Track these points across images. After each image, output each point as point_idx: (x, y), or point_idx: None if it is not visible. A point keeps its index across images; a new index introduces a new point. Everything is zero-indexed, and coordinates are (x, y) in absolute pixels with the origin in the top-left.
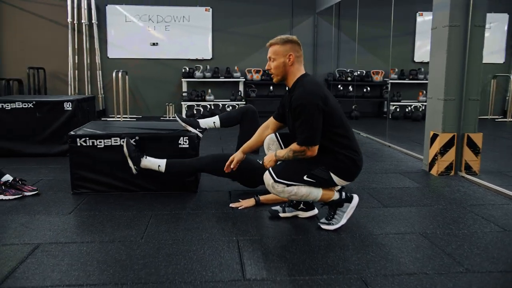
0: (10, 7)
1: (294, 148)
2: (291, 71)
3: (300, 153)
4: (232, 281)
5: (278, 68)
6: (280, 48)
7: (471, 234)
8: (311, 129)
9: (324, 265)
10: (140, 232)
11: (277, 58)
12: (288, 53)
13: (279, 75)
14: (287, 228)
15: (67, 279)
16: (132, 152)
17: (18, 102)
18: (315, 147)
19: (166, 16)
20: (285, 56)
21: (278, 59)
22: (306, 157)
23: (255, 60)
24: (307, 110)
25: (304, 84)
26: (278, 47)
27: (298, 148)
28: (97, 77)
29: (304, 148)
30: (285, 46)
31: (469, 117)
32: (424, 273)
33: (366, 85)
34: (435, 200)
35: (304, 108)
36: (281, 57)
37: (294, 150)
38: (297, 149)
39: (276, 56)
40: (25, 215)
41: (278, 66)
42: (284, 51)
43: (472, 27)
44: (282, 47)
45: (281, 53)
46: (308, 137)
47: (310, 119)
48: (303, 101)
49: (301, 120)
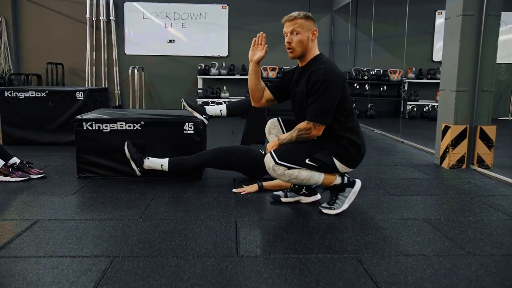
0: (30, 3)
1: (300, 126)
2: (311, 48)
3: (305, 131)
4: (225, 257)
5: (301, 43)
6: (305, 23)
7: (476, 221)
8: (326, 106)
9: (321, 245)
10: (139, 212)
11: (302, 32)
12: (312, 28)
13: (300, 50)
14: (288, 212)
15: (61, 251)
16: (134, 154)
17: (31, 91)
18: (322, 127)
19: (183, 13)
20: (309, 31)
21: (303, 33)
22: (310, 137)
23: (270, 58)
24: (328, 87)
25: (325, 62)
26: (303, 21)
27: (305, 125)
28: (114, 73)
29: (311, 125)
30: (308, 22)
31: (482, 109)
32: (422, 254)
33: (382, 84)
34: (443, 190)
35: (324, 84)
36: (306, 31)
37: (300, 129)
38: (303, 127)
39: (302, 29)
40: (29, 195)
41: (302, 41)
42: (309, 26)
43: (486, 16)
44: (306, 22)
45: (306, 27)
46: (320, 113)
47: (328, 96)
48: (324, 78)
49: (317, 96)
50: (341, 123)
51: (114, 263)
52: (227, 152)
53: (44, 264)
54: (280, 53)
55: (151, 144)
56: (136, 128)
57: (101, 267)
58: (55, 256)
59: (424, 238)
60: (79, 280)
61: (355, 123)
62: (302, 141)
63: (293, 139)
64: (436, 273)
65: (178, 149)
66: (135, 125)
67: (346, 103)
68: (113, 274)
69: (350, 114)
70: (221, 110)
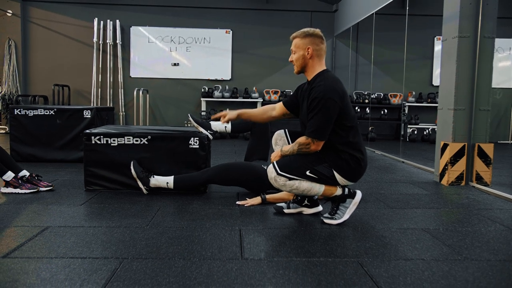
0: (39, 27)
1: (300, 141)
2: (311, 64)
3: (305, 146)
4: (230, 259)
5: (298, 60)
6: (299, 41)
7: (474, 231)
8: (323, 122)
9: (323, 250)
10: (146, 221)
11: (297, 51)
12: (306, 46)
13: (299, 66)
14: (291, 222)
15: (71, 253)
16: (140, 173)
17: (40, 109)
18: (320, 142)
19: (188, 38)
20: (304, 49)
21: (298, 52)
22: (310, 151)
23: (273, 81)
24: (324, 104)
25: (325, 78)
26: (298, 40)
27: (304, 140)
28: (119, 95)
29: (309, 140)
30: (304, 40)
31: (480, 127)
32: (421, 259)
33: (383, 107)
34: (442, 204)
35: (322, 102)
36: (300, 50)
37: (300, 143)
38: (302, 141)
39: (297, 49)
40: (38, 205)
41: (298, 59)
42: (303, 44)
43: (481, 38)
44: (301, 40)
45: (301, 46)
46: (318, 130)
47: (325, 113)
48: (322, 95)
49: (315, 113)
50: (342, 137)
51: (123, 263)
52: (231, 168)
53: (56, 264)
54: (282, 76)
55: (157, 158)
56: (143, 143)
57: (111, 267)
58: (66, 257)
59: (423, 245)
60: (90, 277)
61: (357, 139)
62: (303, 154)
63: (294, 152)
64: (434, 275)
65: (184, 163)
66: (142, 139)
67: (347, 119)
68: (123, 273)
69: (352, 129)
70: (226, 127)
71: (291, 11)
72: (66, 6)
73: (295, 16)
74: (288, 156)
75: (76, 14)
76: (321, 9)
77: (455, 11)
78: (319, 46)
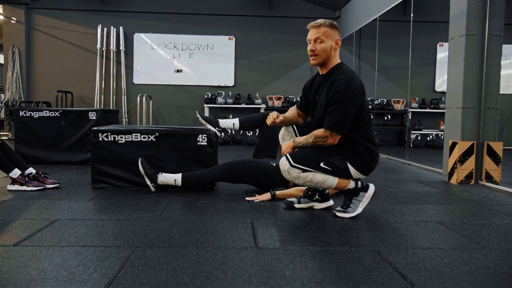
0: (43, 34)
1: (317, 133)
2: (333, 56)
3: (322, 139)
4: (244, 248)
5: (324, 51)
6: (330, 31)
7: (489, 224)
8: (344, 116)
9: (338, 240)
10: (156, 214)
11: (326, 40)
12: (336, 38)
13: (323, 58)
14: (302, 215)
15: (82, 242)
16: (148, 170)
17: (45, 111)
18: (338, 136)
19: (191, 44)
20: (333, 40)
21: (327, 42)
22: (326, 145)
23: (276, 87)
24: (347, 97)
25: (345, 72)
26: (328, 29)
27: (321, 133)
28: (122, 101)
29: (328, 134)
30: (333, 30)
31: (489, 126)
32: (439, 248)
33: (386, 113)
34: (453, 200)
35: (344, 95)
36: (330, 40)
37: (316, 135)
38: (319, 134)
39: (326, 38)
40: (46, 200)
41: (326, 49)
42: (333, 35)
43: (489, 36)
44: (331, 31)
45: (331, 36)
46: (338, 123)
47: (347, 107)
48: (345, 88)
49: (336, 106)
50: (358, 131)
51: (136, 251)
52: (239, 166)
53: (68, 251)
54: (285, 82)
55: (165, 155)
56: (150, 140)
57: (124, 254)
58: (78, 246)
59: (439, 236)
60: (103, 263)
61: (370, 131)
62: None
63: (308, 144)
64: (454, 262)
65: (192, 160)
66: (150, 137)
67: (364, 112)
68: (137, 260)
69: (367, 122)
70: (234, 124)
71: (293, 17)
72: (70, 13)
73: (297, 23)
74: (301, 149)
75: (79, 21)
76: (323, 15)
77: (463, 9)
78: (340, 40)
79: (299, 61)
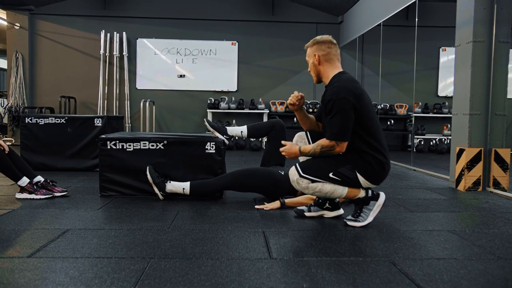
0: (46, 40)
1: (323, 143)
2: (323, 70)
3: (329, 148)
4: (259, 259)
5: (311, 69)
6: (310, 50)
7: (501, 233)
8: (342, 123)
9: (351, 250)
10: (167, 224)
11: (309, 59)
12: (313, 53)
13: (314, 74)
14: (313, 224)
15: (96, 253)
16: (156, 179)
17: (51, 117)
18: (344, 143)
19: (194, 50)
20: (313, 57)
21: (310, 60)
22: (334, 153)
23: (279, 92)
24: (338, 105)
25: (339, 80)
26: (309, 49)
27: (327, 143)
28: (125, 107)
29: (333, 143)
30: (312, 48)
31: (496, 132)
32: (453, 258)
33: (390, 118)
34: (463, 208)
35: (335, 102)
36: (311, 58)
37: (323, 145)
38: (325, 144)
39: (309, 57)
40: (55, 209)
41: (311, 67)
42: (311, 53)
43: (496, 42)
44: (310, 49)
45: (310, 54)
46: (339, 131)
47: (341, 114)
48: (335, 96)
49: (332, 115)
50: (364, 139)
51: (150, 263)
52: (248, 174)
53: (83, 263)
54: (288, 87)
55: (173, 163)
56: (159, 148)
57: (139, 266)
58: (92, 257)
59: (452, 246)
60: (119, 276)
61: (381, 141)
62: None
63: (316, 153)
64: (470, 273)
65: (200, 168)
66: (158, 144)
67: (368, 118)
68: (152, 272)
69: (374, 131)
70: (242, 131)
71: (296, 22)
72: (73, 19)
73: (300, 28)
74: (311, 158)
75: (83, 26)
76: (326, 20)
77: (469, 16)
78: (326, 50)
79: (302, 66)
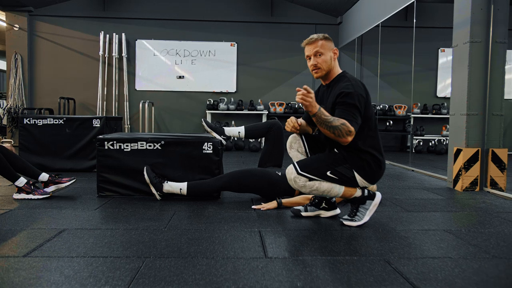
0: (45, 41)
1: (346, 123)
2: (334, 66)
3: (346, 131)
4: (254, 258)
5: (326, 62)
6: (326, 43)
7: (497, 232)
8: (355, 109)
9: (347, 249)
10: (163, 224)
11: (325, 52)
12: (332, 48)
13: (325, 69)
14: (310, 224)
15: (92, 253)
16: (153, 179)
17: (49, 118)
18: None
19: (193, 51)
20: (331, 50)
21: (326, 53)
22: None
23: (278, 93)
24: (354, 97)
25: (350, 79)
26: (324, 42)
27: (349, 127)
28: (124, 108)
29: (353, 130)
30: (329, 42)
31: (493, 132)
32: (448, 257)
33: (388, 119)
34: (459, 208)
35: (351, 95)
36: (328, 51)
37: (344, 124)
38: (347, 125)
39: (324, 50)
40: (52, 209)
41: (326, 60)
42: (330, 46)
43: (493, 43)
44: (327, 42)
45: (328, 47)
46: (354, 121)
47: (358, 109)
48: (353, 90)
49: (345, 106)
50: (364, 137)
51: (146, 262)
52: (245, 175)
53: (78, 262)
54: (287, 88)
55: (171, 164)
56: (156, 148)
57: (134, 265)
58: (87, 257)
59: (447, 245)
60: (114, 275)
61: (377, 140)
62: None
63: (330, 124)
64: (464, 272)
65: (197, 168)
66: (155, 145)
67: (369, 118)
68: (147, 271)
69: (374, 130)
70: (239, 132)
71: (295, 23)
72: (72, 20)
73: (299, 29)
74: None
75: (82, 28)
76: (325, 21)
77: (466, 17)
78: (337, 49)
79: (301, 67)
